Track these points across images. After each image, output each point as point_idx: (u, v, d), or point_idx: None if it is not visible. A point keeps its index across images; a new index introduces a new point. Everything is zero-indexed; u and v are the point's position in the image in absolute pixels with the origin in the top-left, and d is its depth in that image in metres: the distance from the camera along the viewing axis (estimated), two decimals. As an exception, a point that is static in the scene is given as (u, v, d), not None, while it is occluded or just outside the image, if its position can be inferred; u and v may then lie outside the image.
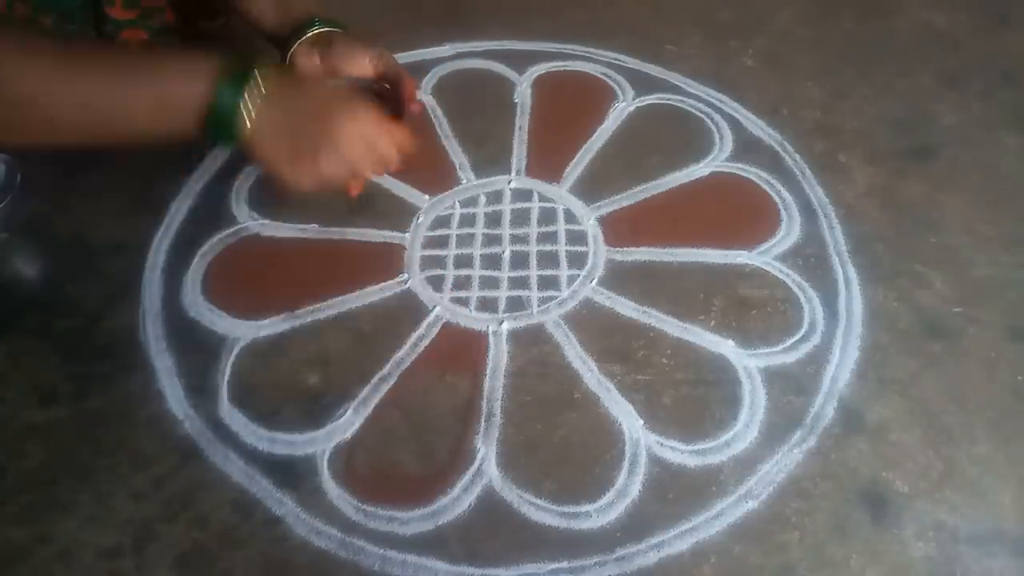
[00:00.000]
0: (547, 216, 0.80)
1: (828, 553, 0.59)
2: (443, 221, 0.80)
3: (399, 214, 0.80)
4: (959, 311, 0.73)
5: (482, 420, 0.65)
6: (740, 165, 0.85)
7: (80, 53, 0.56)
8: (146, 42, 0.63)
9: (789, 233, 0.79)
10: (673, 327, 0.71)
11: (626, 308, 0.73)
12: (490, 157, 0.85)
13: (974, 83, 0.95)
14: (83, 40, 0.58)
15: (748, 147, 0.87)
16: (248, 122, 0.57)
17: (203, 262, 0.75)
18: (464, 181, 0.83)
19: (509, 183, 0.83)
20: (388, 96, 0.73)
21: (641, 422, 0.65)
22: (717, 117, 0.90)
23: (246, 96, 0.56)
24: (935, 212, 0.81)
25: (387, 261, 0.76)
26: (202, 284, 0.74)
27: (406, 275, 0.75)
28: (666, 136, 0.88)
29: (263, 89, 0.57)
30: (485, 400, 0.66)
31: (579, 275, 0.75)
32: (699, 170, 0.85)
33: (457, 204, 0.81)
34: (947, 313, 0.73)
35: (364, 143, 0.62)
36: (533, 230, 0.79)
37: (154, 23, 0.84)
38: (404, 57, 0.97)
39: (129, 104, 0.56)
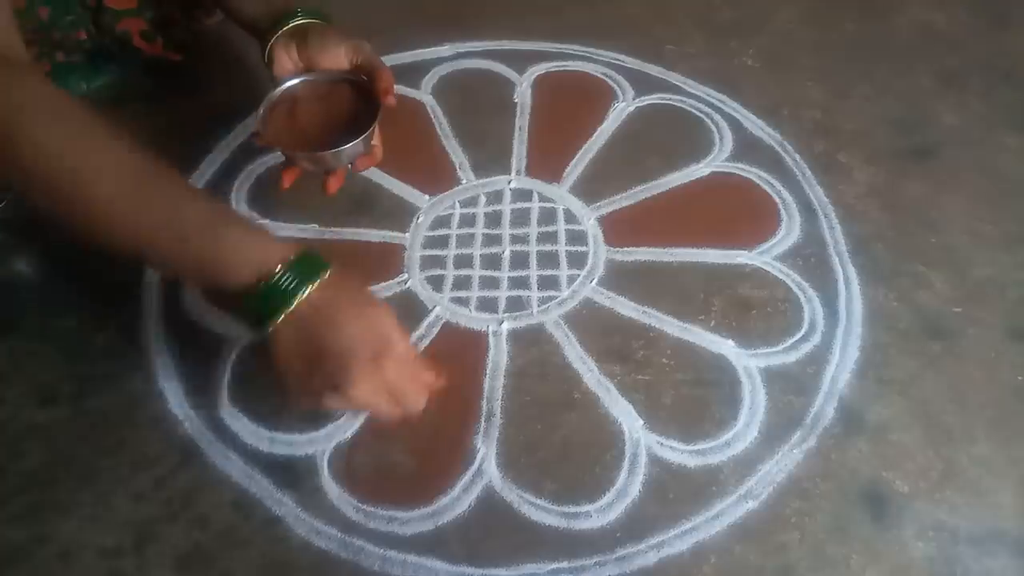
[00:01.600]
0: (547, 216, 0.80)
1: (828, 553, 0.59)
2: (443, 221, 0.80)
3: (399, 214, 0.80)
4: (959, 311, 0.73)
5: (482, 420, 0.65)
6: (740, 165, 0.85)
7: (147, 176, 0.53)
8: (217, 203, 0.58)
9: (789, 233, 0.79)
10: (673, 327, 0.71)
11: (626, 308, 0.73)
12: (490, 157, 0.85)
13: (974, 83, 0.95)
14: (151, 155, 0.55)
15: (748, 147, 0.87)
16: (276, 328, 0.52)
17: (203, 262, 0.75)
18: (464, 181, 0.83)
19: (509, 183, 0.83)
20: (364, 88, 0.72)
21: (641, 422, 0.65)
22: (717, 117, 0.90)
23: (288, 307, 0.52)
24: (935, 212, 0.81)
25: (387, 261, 0.76)
26: (202, 284, 0.74)
27: (406, 275, 0.75)
28: (666, 136, 0.88)
29: (303, 309, 0.52)
30: (485, 400, 0.66)
31: (579, 275, 0.75)
32: (699, 170, 0.85)
33: (457, 204, 0.81)
34: (947, 313, 0.73)
35: (388, 392, 0.54)
36: (533, 230, 0.79)
37: (153, 14, 0.84)
38: (404, 57, 0.97)
39: (173, 257, 0.53)
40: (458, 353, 0.69)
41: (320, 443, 0.64)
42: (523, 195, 0.82)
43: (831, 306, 0.73)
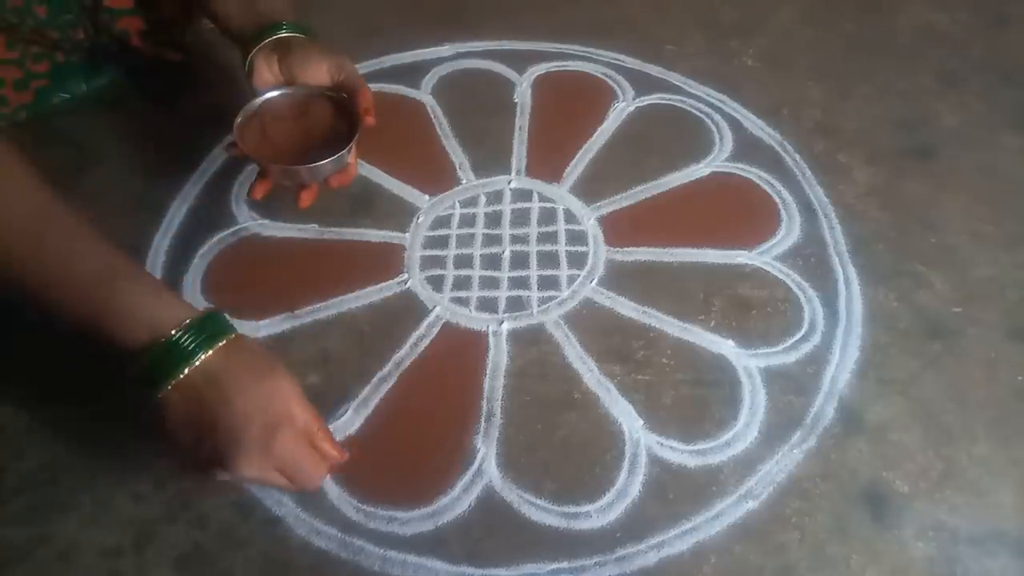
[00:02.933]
0: (547, 216, 0.80)
1: (828, 553, 0.59)
2: (443, 221, 0.80)
3: (399, 214, 0.80)
4: (959, 311, 0.73)
5: (482, 420, 0.65)
6: (740, 165, 0.85)
7: (52, 215, 0.51)
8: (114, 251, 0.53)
9: (789, 233, 0.79)
10: (673, 327, 0.71)
11: (626, 308, 0.73)
12: (490, 157, 0.85)
13: (974, 83, 0.95)
14: (53, 196, 0.52)
15: (748, 147, 0.87)
16: (165, 395, 0.50)
17: (203, 262, 0.75)
18: (464, 181, 0.83)
19: (509, 183, 0.83)
20: (343, 106, 0.71)
21: (641, 422, 0.65)
22: (717, 117, 0.90)
23: (177, 374, 0.49)
24: (935, 212, 0.81)
25: (387, 261, 0.76)
26: (202, 284, 0.74)
27: (406, 275, 0.75)
28: (666, 136, 0.88)
29: (201, 370, 0.49)
30: (485, 400, 0.66)
31: (579, 275, 0.75)
32: (699, 170, 0.85)
33: (457, 204, 0.81)
34: (947, 313, 0.73)
35: (275, 472, 0.51)
36: (533, 230, 0.79)
37: (151, 14, 0.84)
38: (404, 57, 0.97)
39: (65, 308, 0.51)
40: (458, 353, 0.69)
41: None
42: (523, 195, 0.82)
43: (831, 306, 0.73)
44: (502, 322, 0.71)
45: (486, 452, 0.63)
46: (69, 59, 0.83)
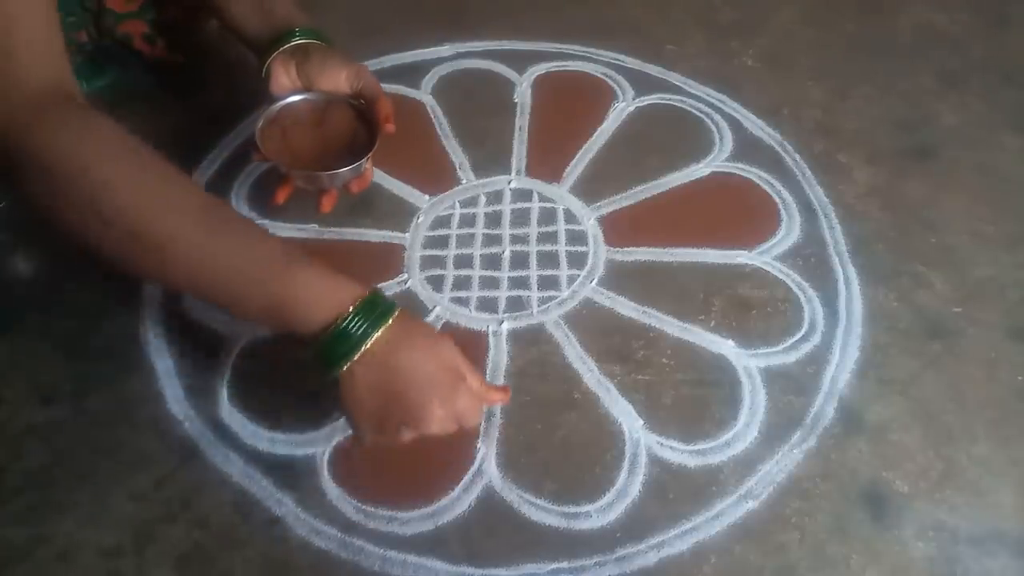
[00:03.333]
0: (547, 216, 0.80)
1: (828, 553, 0.59)
2: (443, 221, 0.80)
3: (399, 214, 0.80)
4: (959, 311, 0.73)
5: (482, 420, 0.65)
6: (740, 165, 0.85)
7: (218, 219, 0.54)
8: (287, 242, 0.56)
9: (789, 233, 0.79)
10: (673, 327, 0.71)
11: (626, 308, 0.73)
12: (490, 157, 0.85)
13: (974, 83, 0.95)
14: (225, 205, 0.55)
15: (748, 147, 0.87)
16: (349, 369, 0.52)
17: (203, 262, 0.75)
18: (464, 181, 0.83)
19: (509, 183, 0.83)
20: (362, 113, 0.72)
21: (641, 422, 0.65)
22: (717, 117, 0.90)
23: (356, 353, 0.52)
24: (935, 212, 0.81)
25: (387, 261, 0.76)
26: (202, 284, 0.74)
27: (406, 275, 0.75)
28: (666, 136, 0.88)
29: (376, 349, 0.52)
30: (485, 400, 0.66)
31: (579, 275, 0.75)
32: (699, 170, 0.85)
33: (457, 204, 0.81)
34: (947, 313, 0.73)
35: (454, 421, 0.54)
36: (533, 230, 0.79)
37: (154, 16, 0.84)
38: (404, 57, 0.97)
39: (240, 297, 0.53)
40: (458, 353, 0.69)
41: (320, 443, 0.64)
42: (523, 195, 0.82)
43: (831, 306, 0.73)
44: (502, 322, 0.71)
45: (486, 452, 0.63)
46: (72, 59, 0.83)
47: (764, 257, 0.77)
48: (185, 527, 0.59)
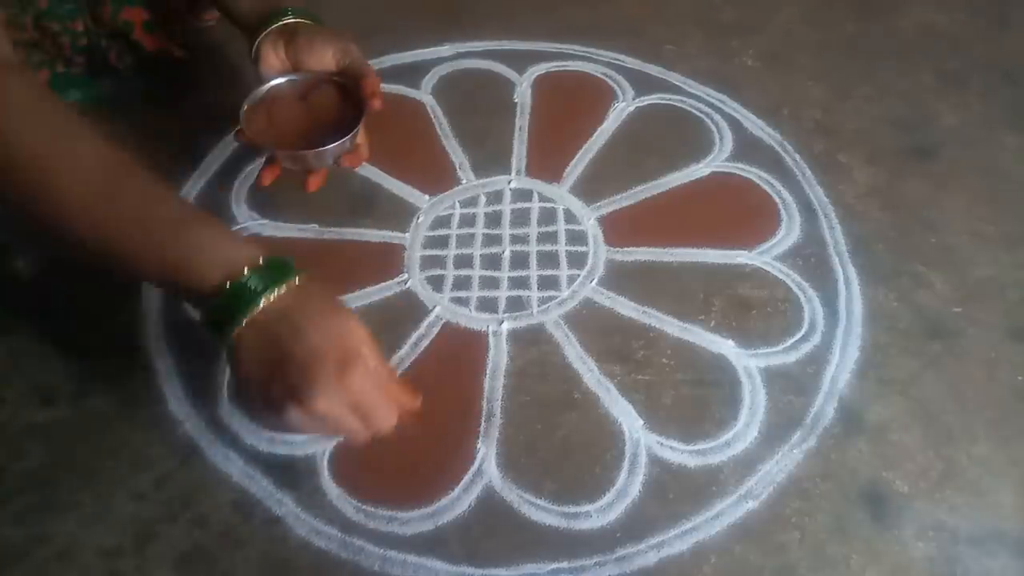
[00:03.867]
0: (547, 216, 0.80)
1: (828, 553, 0.59)
2: (443, 221, 0.80)
3: (399, 214, 0.80)
4: (959, 311, 0.73)
5: (482, 420, 0.65)
6: (740, 165, 0.85)
7: (120, 173, 0.52)
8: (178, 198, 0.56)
9: (789, 233, 0.79)
10: (673, 327, 0.71)
11: (626, 308, 0.73)
12: (490, 157, 0.85)
13: (974, 83, 0.95)
14: (124, 154, 0.54)
15: (748, 147, 0.87)
16: (238, 334, 0.50)
17: (203, 262, 0.75)
18: (464, 181, 0.83)
19: (509, 183, 0.83)
20: (349, 91, 0.72)
21: (641, 422, 0.65)
22: (717, 117, 0.90)
23: (248, 314, 0.49)
24: (935, 212, 0.81)
25: (387, 261, 0.76)
26: (202, 284, 0.74)
27: (406, 275, 0.75)
28: (666, 136, 0.88)
29: (272, 308, 0.50)
30: (485, 400, 0.66)
31: (579, 275, 0.75)
32: (699, 170, 0.85)
33: (457, 204, 0.81)
34: (947, 313, 0.73)
35: (354, 407, 0.50)
36: (533, 230, 0.79)
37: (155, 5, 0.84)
38: (404, 57, 0.97)
39: (141, 256, 0.52)
40: (458, 353, 0.69)
41: (320, 443, 0.64)
42: (523, 195, 0.82)
43: (831, 306, 0.73)
44: (502, 322, 0.71)
45: (486, 452, 0.63)
46: (69, 70, 0.83)
47: (764, 257, 0.77)
48: (185, 527, 0.59)
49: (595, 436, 0.64)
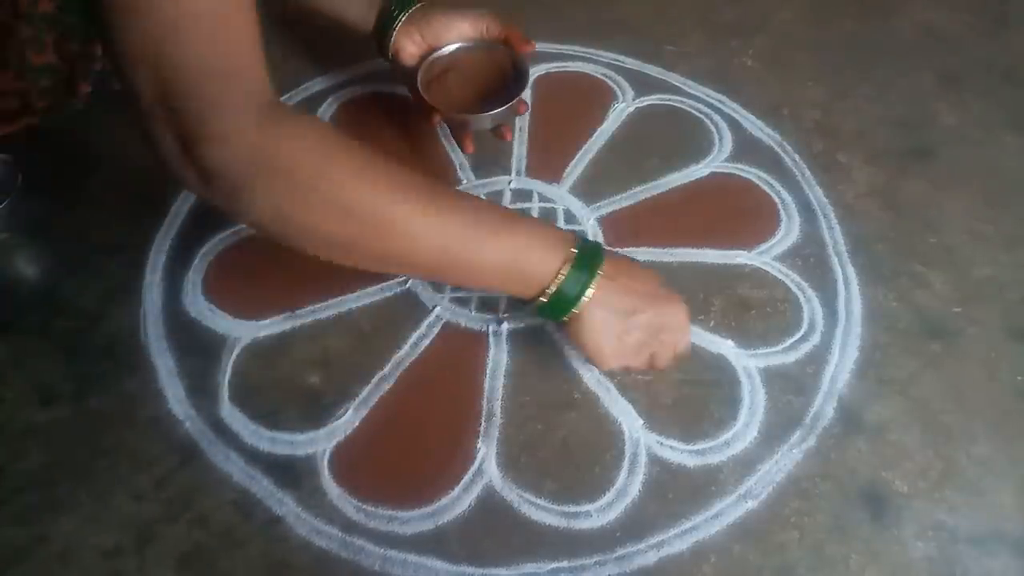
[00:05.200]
0: (547, 216, 0.80)
1: (828, 553, 0.59)
2: (443, 221, 0.80)
3: (399, 214, 0.80)
4: (959, 311, 0.73)
5: (482, 420, 0.65)
6: (740, 165, 0.85)
7: (446, 196, 0.57)
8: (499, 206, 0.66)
9: (788, 233, 0.79)
10: (673, 327, 0.71)
11: (626, 308, 0.72)
12: (490, 157, 0.85)
13: (974, 83, 0.95)
14: (442, 184, 0.60)
15: (748, 147, 0.87)
16: (583, 307, 0.59)
17: (204, 262, 0.75)
18: (464, 181, 0.83)
19: (509, 183, 0.83)
20: (500, 51, 0.79)
21: (641, 422, 0.65)
22: (717, 118, 0.90)
23: (592, 287, 0.58)
24: (935, 212, 0.81)
25: (387, 261, 0.76)
26: (203, 284, 0.74)
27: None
28: (666, 137, 0.88)
29: (605, 278, 0.58)
30: (485, 400, 0.66)
31: (579, 275, 0.75)
32: (699, 170, 0.85)
33: (457, 204, 0.81)
34: (947, 313, 0.73)
35: (679, 338, 0.63)
36: (533, 230, 0.79)
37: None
38: (404, 57, 0.97)
39: (484, 262, 0.57)
40: (458, 353, 0.70)
41: (320, 443, 0.64)
42: (523, 195, 0.82)
43: (830, 306, 0.73)
44: (502, 322, 0.71)
45: (486, 452, 0.63)
46: (70, 104, 0.83)
47: (764, 257, 0.77)
48: (186, 527, 0.59)
49: (595, 436, 0.64)
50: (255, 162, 0.50)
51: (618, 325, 0.60)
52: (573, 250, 0.58)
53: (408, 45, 0.79)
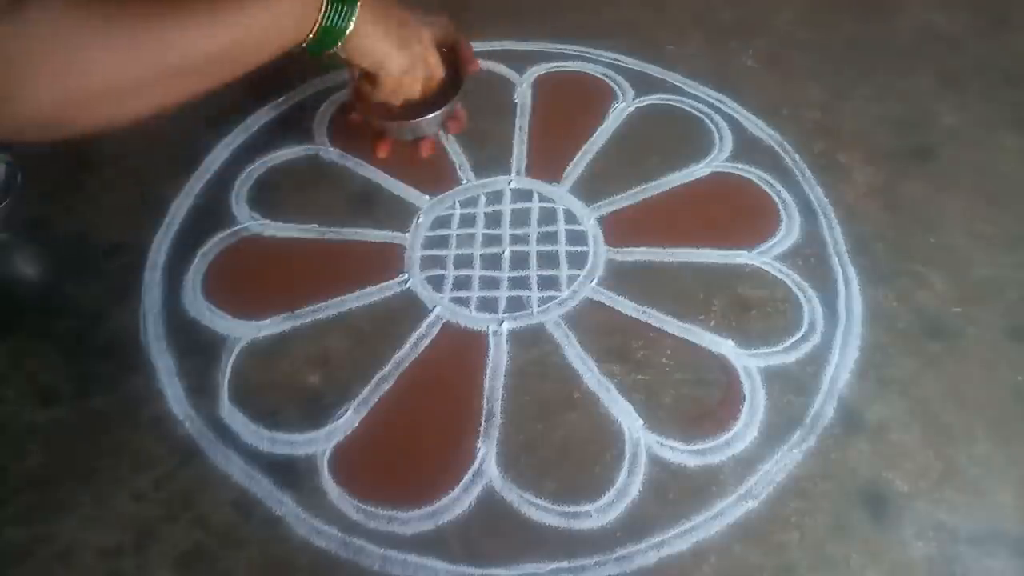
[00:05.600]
0: (547, 216, 0.80)
1: (828, 553, 0.59)
2: (443, 221, 0.80)
3: (399, 214, 0.80)
4: (959, 311, 0.73)
5: (482, 420, 0.65)
6: (740, 165, 0.85)
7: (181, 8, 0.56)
8: None
9: (789, 233, 0.79)
10: (673, 327, 0.71)
11: (626, 308, 0.73)
12: (490, 157, 0.85)
13: (974, 83, 0.95)
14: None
15: (748, 147, 0.87)
16: (356, 27, 0.63)
17: (203, 262, 0.75)
18: (464, 181, 0.83)
19: (509, 183, 0.83)
20: (447, 60, 0.77)
21: (641, 422, 0.65)
22: (717, 117, 0.90)
23: (355, 14, 0.62)
24: (935, 212, 0.81)
25: (387, 261, 0.76)
26: (202, 284, 0.74)
27: (406, 275, 0.75)
28: (666, 136, 0.88)
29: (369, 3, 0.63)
30: (485, 400, 0.66)
31: (579, 275, 0.75)
32: (699, 170, 0.85)
33: (457, 204, 0.81)
34: (947, 313, 0.73)
35: (433, 52, 0.72)
36: (533, 230, 0.79)
37: None
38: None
39: (241, 43, 0.58)
40: (458, 353, 0.69)
41: (320, 443, 0.64)
42: (523, 195, 0.82)
43: (831, 306, 0.73)
44: (502, 322, 0.71)
45: (486, 452, 0.63)
46: None
47: (764, 257, 0.77)
48: (185, 527, 0.59)
49: (595, 436, 0.64)
50: (11, 55, 0.47)
51: (397, 34, 0.66)
52: None
53: None
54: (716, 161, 0.86)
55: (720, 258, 0.77)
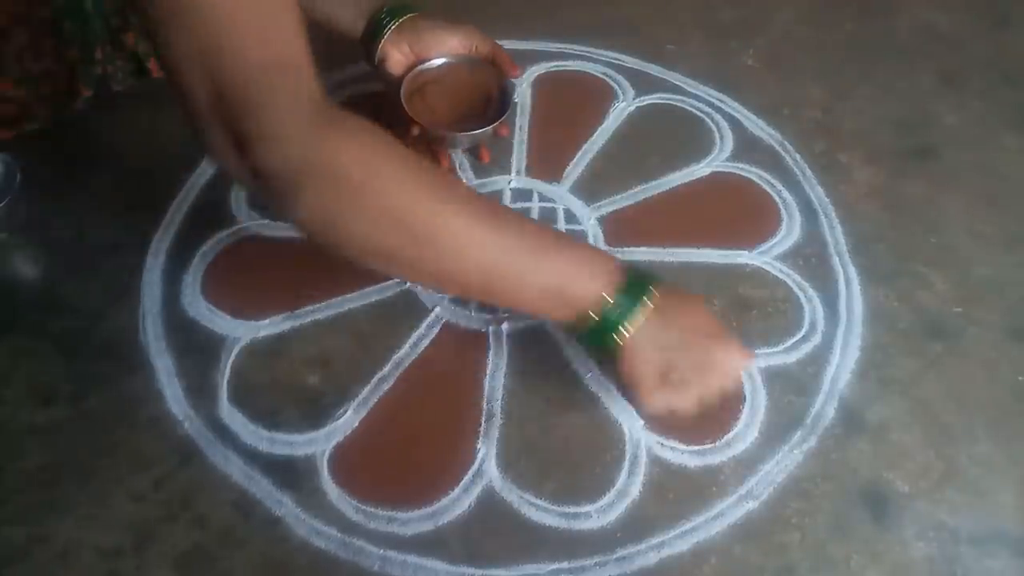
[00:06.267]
0: (547, 216, 0.80)
1: (829, 553, 0.59)
2: (443, 221, 0.79)
3: (399, 214, 0.80)
4: (959, 311, 0.73)
5: (482, 420, 0.65)
6: (740, 165, 0.85)
7: (496, 211, 0.56)
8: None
9: (789, 233, 0.79)
10: (673, 327, 0.71)
11: (626, 308, 0.72)
12: (490, 157, 0.85)
13: (974, 83, 0.95)
14: (491, 199, 0.59)
15: (748, 147, 0.87)
16: (627, 338, 0.56)
17: (203, 262, 0.75)
18: (464, 181, 0.83)
19: (509, 183, 0.83)
20: (485, 70, 0.78)
21: (641, 422, 0.65)
22: (717, 117, 0.90)
23: (638, 315, 0.55)
24: (935, 212, 0.81)
25: (387, 261, 0.76)
26: (202, 284, 0.74)
27: (406, 275, 0.75)
28: (666, 136, 0.88)
29: (653, 309, 0.56)
30: (485, 400, 0.66)
31: (579, 275, 0.75)
32: (699, 170, 0.85)
33: (457, 204, 0.81)
34: (947, 313, 0.73)
35: (727, 381, 0.59)
36: (533, 230, 0.79)
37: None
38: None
39: (525, 282, 0.55)
40: (458, 353, 0.69)
41: (320, 443, 0.64)
42: (523, 195, 0.82)
43: (831, 306, 0.73)
44: (502, 322, 0.71)
45: (486, 452, 0.63)
46: (71, 109, 0.83)
47: (764, 257, 0.77)
48: (185, 527, 0.59)
49: (595, 436, 0.64)
50: (306, 165, 0.49)
51: (662, 362, 0.56)
52: (621, 277, 0.55)
53: (395, 54, 0.77)
54: (716, 161, 0.86)
55: (720, 258, 0.77)
